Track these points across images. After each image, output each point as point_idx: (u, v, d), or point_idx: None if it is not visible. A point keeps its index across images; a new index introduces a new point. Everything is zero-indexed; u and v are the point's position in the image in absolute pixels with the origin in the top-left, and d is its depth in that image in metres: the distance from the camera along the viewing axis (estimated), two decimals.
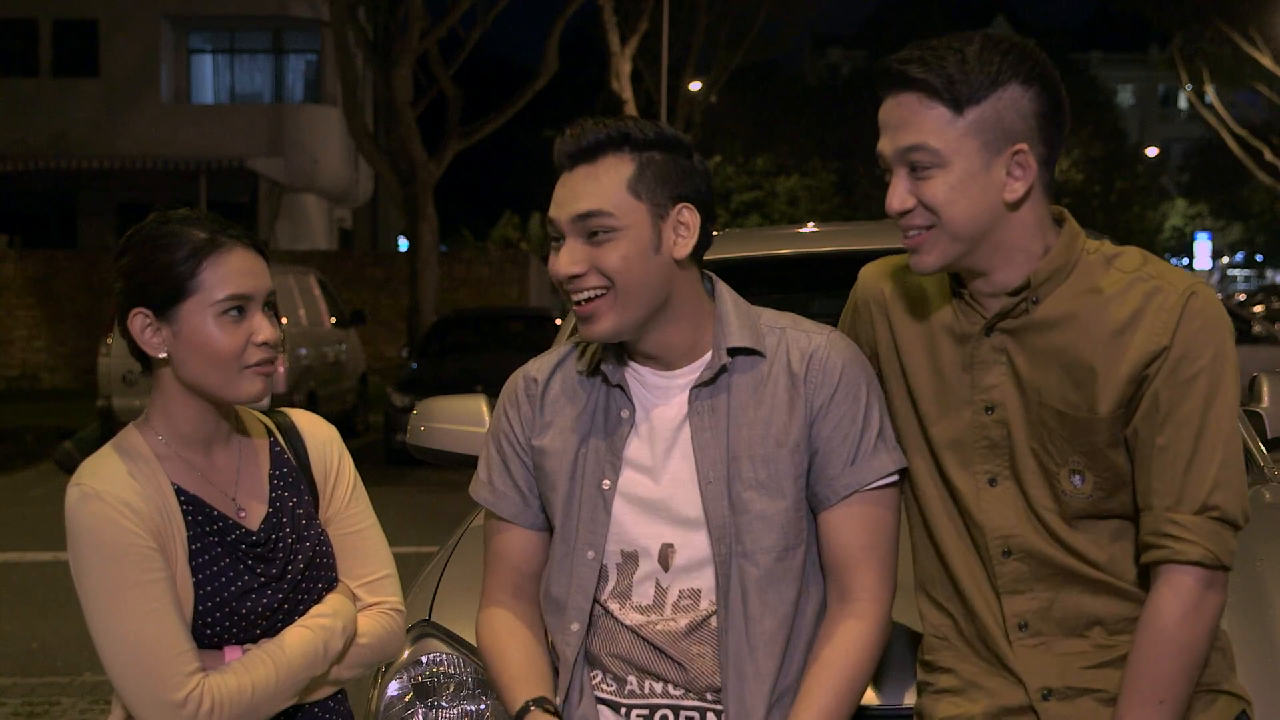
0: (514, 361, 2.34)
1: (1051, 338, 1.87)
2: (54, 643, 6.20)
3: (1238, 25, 29.31)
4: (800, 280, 4.21)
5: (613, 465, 2.00)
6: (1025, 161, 1.82)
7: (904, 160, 1.84)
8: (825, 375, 1.97)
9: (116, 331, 8.05)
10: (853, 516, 1.96)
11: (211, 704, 1.83)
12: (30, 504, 10.47)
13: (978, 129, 1.80)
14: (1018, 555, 1.90)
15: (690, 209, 1.95)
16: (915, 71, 1.81)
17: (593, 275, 1.93)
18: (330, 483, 2.07)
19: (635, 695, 1.98)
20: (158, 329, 1.88)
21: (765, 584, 1.94)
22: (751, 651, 1.94)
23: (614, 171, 1.93)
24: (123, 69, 25.95)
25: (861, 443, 1.97)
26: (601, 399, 2.04)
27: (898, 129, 1.84)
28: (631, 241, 1.91)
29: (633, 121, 1.96)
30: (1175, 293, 1.83)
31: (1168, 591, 1.80)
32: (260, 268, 1.93)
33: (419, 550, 3.37)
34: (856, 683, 1.93)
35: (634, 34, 24.35)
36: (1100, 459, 1.86)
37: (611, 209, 1.91)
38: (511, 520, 2.09)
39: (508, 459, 2.09)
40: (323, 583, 2.01)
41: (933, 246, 1.86)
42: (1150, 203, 47.04)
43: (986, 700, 1.91)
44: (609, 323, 1.94)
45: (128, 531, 1.83)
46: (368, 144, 18.07)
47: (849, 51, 54.67)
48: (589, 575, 1.99)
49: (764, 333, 2.02)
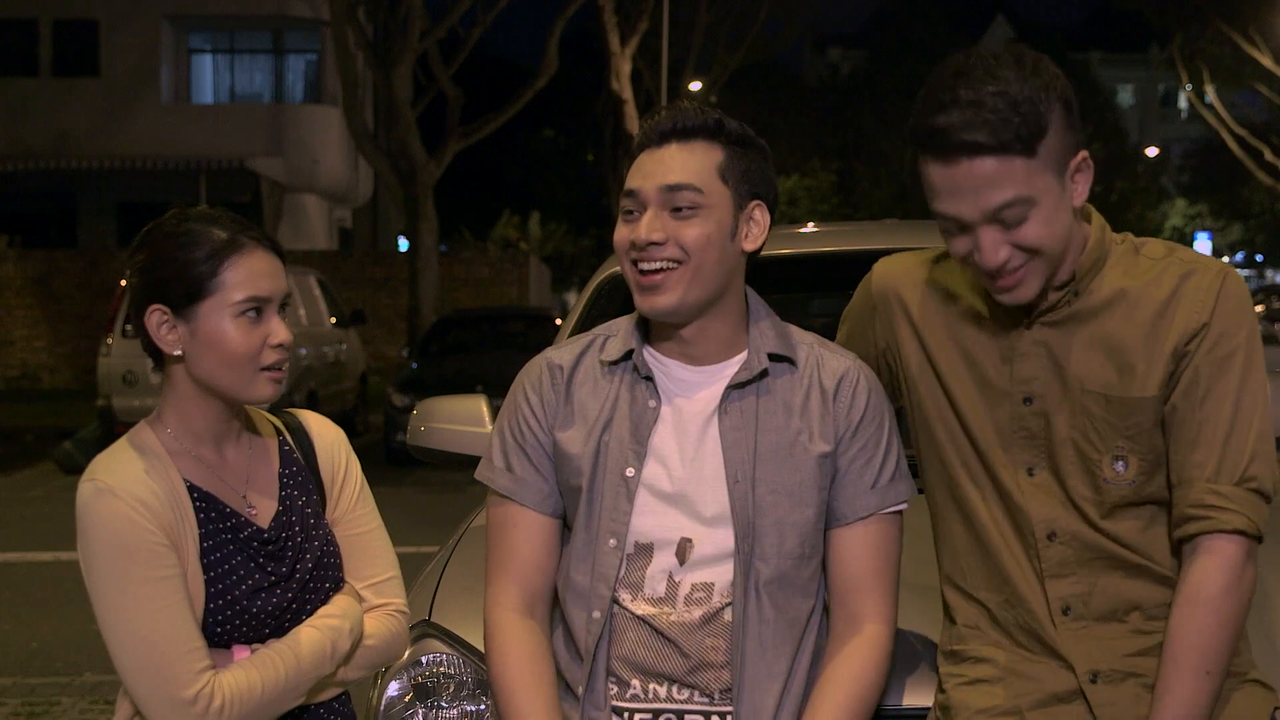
0: (514, 361, 2.34)
1: (1094, 326, 1.91)
2: (54, 643, 6.20)
3: (1238, 25, 29.32)
4: (800, 280, 4.20)
5: (637, 454, 2.01)
6: (1086, 165, 1.86)
7: (994, 218, 1.82)
8: (855, 398, 2.03)
9: (117, 331, 8.04)
10: (868, 537, 2.01)
11: (222, 701, 1.83)
12: (30, 504, 10.48)
13: (1050, 159, 1.81)
14: (1062, 538, 1.92)
15: (762, 208, 2.03)
16: (985, 138, 1.77)
17: (670, 246, 1.97)
18: (338, 483, 2.08)
19: (639, 700, 1.97)
20: (174, 326, 1.89)
21: (780, 588, 1.97)
22: (763, 652, 1.95)
23: (707, 155, 2.00)
24: (123, 69, 25.96)
25: (884, 468, 2.02)
26: (627, 389, 2.05)
27: (978, 192, 1.80)
28: (715, 223, 1.98)
29: (726, 117, 2.03)
30: (1210, 274, 1.89)
31: (1211, 561, 1.83)
32: (278, 269, 1.94)
33: (419, 550, 3.37)
34: (867, 700, 1.95)
35: (634, 34, 24.34)
36: (1144, 440, 1.89)
37: (703, 185, 1.98)
38: (534, 508, 2.07)
39: (526, 445, 2.08)
40: (330, 583, 2.01)
41: (1032, 278, 1.86)
42: (1150, 203, 47.05)
43: (1032, 689, 1.91)
44: (674, 296, 1.98)
45: (140, 527, 1.83)
46: (368, 144, 18.08)
47: (849, 51, 54.65)
48: (611, 563, 1.99)
49: (795, 345, 2.06)
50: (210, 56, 28.28)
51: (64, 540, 8.45)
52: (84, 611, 6.74)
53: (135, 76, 25.94)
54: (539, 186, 39.32)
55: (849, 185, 39.56)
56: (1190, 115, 53.74)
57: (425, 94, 19.22)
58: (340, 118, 23.27)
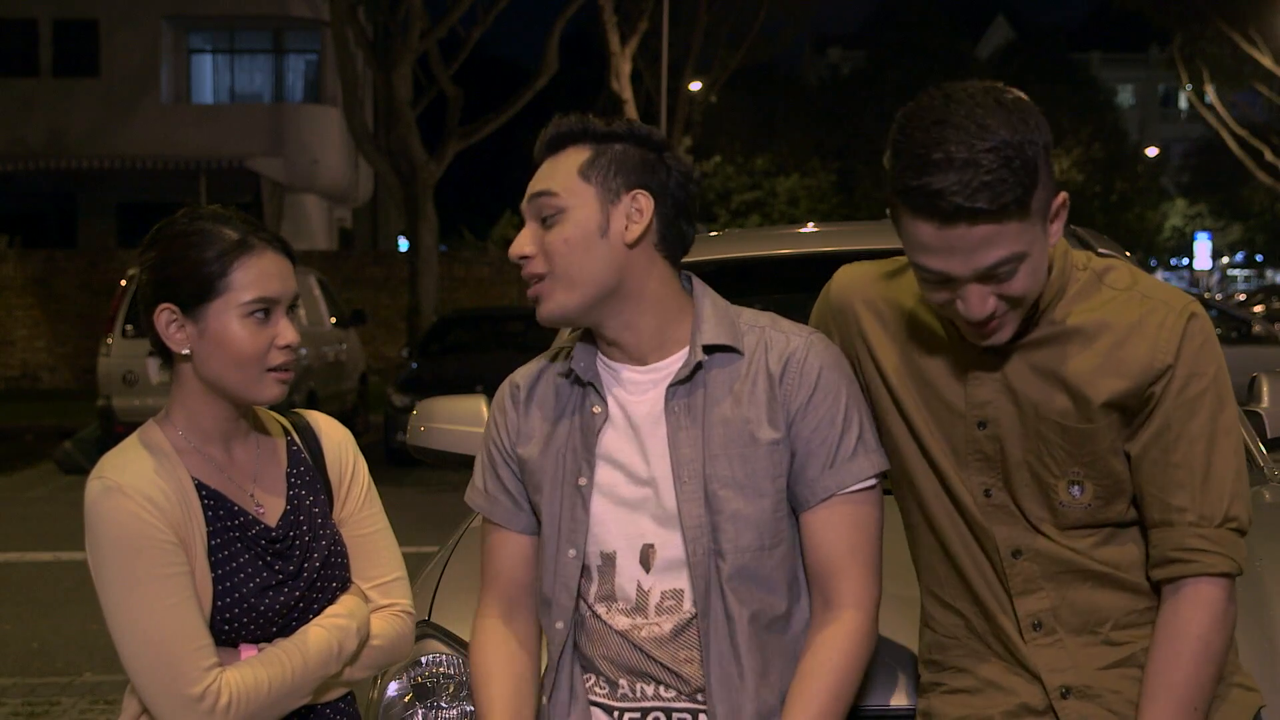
0: (514, 361, 2.34)
1: (1049, 352, 1.88)
2: (54, 643, 6.20)
3: (1238, 25, 29.31)
4: (800, 280, 4.20)
5: (588, 462, 1.99)
6: (1064, 206, 1.82)
7: (986, 276, 1.78)
8: (803, 377, 1.96)
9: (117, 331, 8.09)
10: (834, 519, 1.95)
11: (229, 699, 1.83)
12: (30, 504, 10.48)
13: (1040, 210, 1.77)
14: (1027, 555, 1.91)
15: (645, 196, 1.96)
16: (985, 203, 1.70)
17: (539, 260, 1.97)
18: (345, 484, 2.09)
19: (627, 699, 1.97)
20: (182, 325, 1.89)
21: (742, 582, 1.93)
22: (734, 651, 1.92)
23: (570, 159, 1.98)
24: (123, 69, 25.96)
25: (840, 446, 1.95)
26: (578, 398, 2.04)
27: (973, 252, 1.74)
28: (574, 224, 1.94)
29: (601, 118, 2.00)
30: (1174, 312, 1.86)
31: (1197, 602, 1.83)
32: (287, 270, 1.94)
33: (419, 550, 3.37)
34: (844, 692, 1.91)
35: (634, 34, 24.35)
36: (1100, 466, 1.87)
37: (558, 189, 1.95)
38: (504, 525, 2.08)
39: (497, 465, 2.10)
40: (337, 582, 2.02)
41: (1011, 322, 1.84)
42: (1150, 203, 47.04)
43: (1007, 699, 1.91)
44: (551, 305, 1.97)
45: (149, 525, 1.83)
46: (368, 144, 18.08)
47: (849, 51, 54.63)
48: (571, 573, 1.99)
49: (743, 331, 2.01)
50: (210, 56, 28.28)
51: (64, 540, 8.45)
52: (84, 611, 6.75)
53: (135, 76, 25.93)
54: None
55: (849, 185, 39.57)
56: (1190, 115, 53.73)
57: (425, 94, 19.21)
58: (340, 118, 23.27)
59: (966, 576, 1.95)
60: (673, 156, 2.01)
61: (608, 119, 2.00)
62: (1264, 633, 2.24)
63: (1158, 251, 50.78)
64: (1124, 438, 1.88)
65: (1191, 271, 48.32)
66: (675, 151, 2.02)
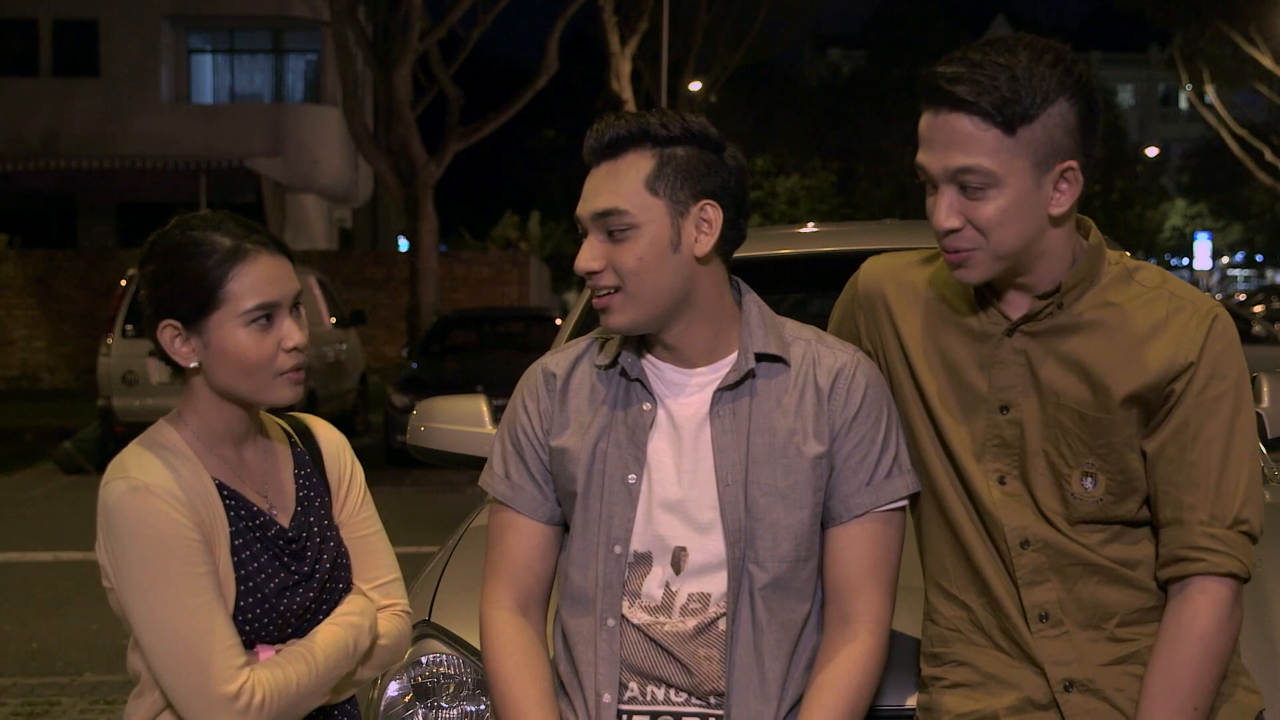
0: (514, 361, 2.35)
1: (1074, 342, 1.90)
2: (54, 643, 6.20)
3: (1238, 25, 29.30)
4: (800, 280, 4.21)
5: (637, 459, 1.99)
6: (1073, 177, 1.83)
7: (954, 180, 1.82)
8: (850, 394, 1.98)
9: (117, 331, 8.11)
10: (862, 535, 1.97)
11: (263, 696, 1.83)
12: (30, 504, 10.48)
13: (1029, 148, 1.79)
14: (1036, 546, 1.92)
15: (713, 206, 1.94)
16: (966, 93, 1.77)
17: (608, 273, 1.94)
18: (344, 487, 2.09)
19: (637, 701, 1.96)
20: (187, 339, 1.88)
21: (775, 592, 1.94)
22: (758, 658, 1.93)
23: (634, 169, 1.93)
24: (123, 69, 25.97)
25: (879, 465, 1.97)
26: (621, 393, 2.03)
27: (947, 148, 1.81)
28: (649, 241, 1.92)
29: (658, 116, 1.95)
30: (1200, 313, 1.88)
31: (1204, 601, 1.84)
32: (286, 271, 1.92)
33: (419, 550, 3.37)
34: (858, 706, 1.93)
35: (634, 34, 24.35)
36: (1114, 460, 1.89)
37: (629, 207, 1.92)
38: (529, 515, 2.06)
39: (524, 452, 2.07)
40: (343, 584, 2.02)
41: (978, 264, 1.86)
42: (1150, 203, 47.05)
43: (1009, 694, 1.92)
44: (624, 318, 1.95)
45: (177, 524, 1.82)
46: (368, 144, 18.08)
47: (849, 51, 54.67)
48: (617, 570, 1.97)
49: (789, 342, 2.02)
50: (210, 56, 28.28)
51: (64, 540, 8.45)
52: (84, 611, 6.75)
53: (135, 76, 25.94)
54: (539, 186, 39.30)
55: (849, 185, 39.56)
56: (1190, 115, 53.74)
57: (425, 94, 19.21)
58: (340, 118, 23.27)
59: (977, 565, 1.95)
60: (732, 153, 1.99)
61: (661, 117, 1.95)
62: (1264, 633, 2.24)
63: (1158, 251, 50.73)
64: (1141, 435, 1.89)
65: (1191, 271, 48.29)
66: (731, 148, 2.00)
